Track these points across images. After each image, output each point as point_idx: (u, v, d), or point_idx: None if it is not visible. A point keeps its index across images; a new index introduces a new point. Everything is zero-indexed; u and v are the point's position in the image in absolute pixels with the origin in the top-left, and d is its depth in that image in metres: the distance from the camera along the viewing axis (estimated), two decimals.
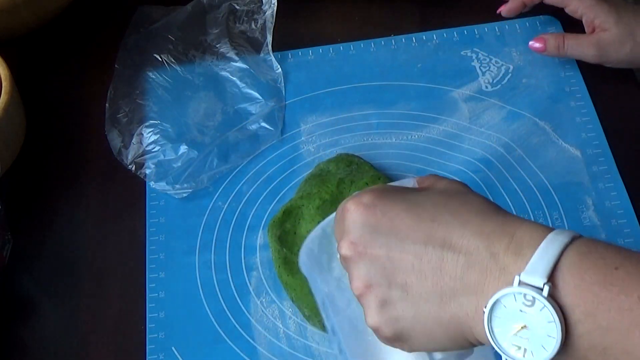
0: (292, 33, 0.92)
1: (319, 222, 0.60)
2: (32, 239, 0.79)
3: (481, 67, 0.89)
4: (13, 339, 0.74)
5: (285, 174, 0.82)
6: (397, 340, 0.47)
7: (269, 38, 0.89)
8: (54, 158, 0.85)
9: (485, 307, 0.42)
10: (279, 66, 0.89)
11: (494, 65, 0.89)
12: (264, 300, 0.74)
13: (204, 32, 0.91)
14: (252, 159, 0.83)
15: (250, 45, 0.90)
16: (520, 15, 0.91)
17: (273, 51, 0.89)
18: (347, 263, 0.49)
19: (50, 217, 0.81)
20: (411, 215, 0.46)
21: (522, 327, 0.42)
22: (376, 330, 0.47)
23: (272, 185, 0.81)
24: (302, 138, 0.85)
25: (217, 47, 0.90)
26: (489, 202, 0.48)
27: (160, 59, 0.89)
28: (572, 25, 0.90)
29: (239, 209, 0.80)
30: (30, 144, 0.84)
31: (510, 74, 0.88)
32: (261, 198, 0.81)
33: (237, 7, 0.92)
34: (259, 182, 0.82)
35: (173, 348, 0.72)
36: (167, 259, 0.77)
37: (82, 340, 0.73)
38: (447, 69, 0.89)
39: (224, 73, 0.88)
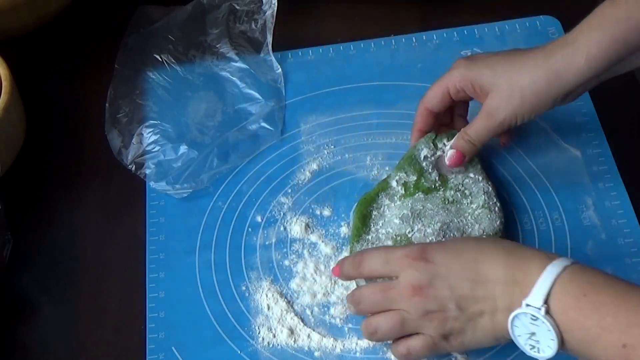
0: (292, 33, 0.92)
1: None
2: (32, 239, 0.79)
3: None
4: (13, 339, 0.74)
5: (285, 174, 0.82)
6: (460, 346, 0.65)
7: (269, 38, 0.89)
8: (54, 158, 0.85)
9: (508, 321, 0.61)
10: (279, 66, 0.88)
11: None
12: (264, 300, 0.74)
13: (204, 32, 0.91)
14: (252, 159, 0.83)
15: (250, 46, 0.90)
16: (521, 15, 0.91)
17: (273, 51, 0.89)
18: (406, 299, 0.64)
19: (50, 217, 0.81)
20: (457, 260, 0.64)
21: (532, 334, 0.60)
22: (447, 342, 0.65)
23: (272, 185, 0.81)
24: (302, 138, 0.85)
25: (217, 47, 0.90)
26: (506, 240, 0.68)
27: (160, 59, 0.89)
28: (573, 25, 0.90)
29: (239, 209, 0.80)
30: (30, 144, 0.84)
31: None
32: (261, 198, 0.81)
33: (237, 7, 0.91)
34: (259, 182, 0.82)
35: (173, 348, 0.72)
36: (167, 259, 0.77)
37: (82, 340, 0.73)
38: (447, 69, 0.88)
39: (224, 73, 0.88)
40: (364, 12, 0.95)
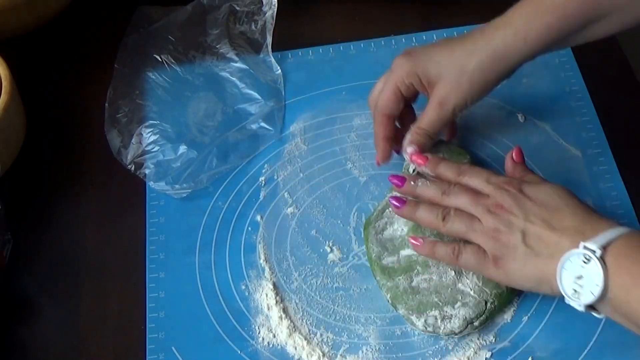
0: (292, 33, 0.92)
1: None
2: (32, 239, 0.79)
3: None
4: (13, 339, 0.74)
5: (285, 173, 0.82)
6: (503, 275, 0.67)
7: (269, 39, 0.89)
8: (54, 158, 0.85)
9: (560, 261, 0.63)
10: (278, 67, 0.89)
11: None
12: (264, 299, 0.74)
13: (204, 32, 0.91)
14: (251, 158, 0.83)
15: (250, 46, 0.90)
16: None
17: (273, 51, 0.89)
18: (485, 212, 0.67)
19: (50, 217, 0.81)
20: (546, 202, 0.67)
21: (579, 277, 0.62)
22: (494, 264, 0.67)
23: (272, 185, 0.81)
24: (302, 138, 0.85)
25: (217, 48, 0.90)
26: (582, 202, 0.68)
27: (160, 59, 0.89)
28: None
29: (239, 209, 0.80)
30: (30, 144, 0.84)
31: None
32: (261, 198, 0.81)
33: (237, 8, 0.92)
34: (258, 182, 0.82)
35: (173, 348, 0.72)
36: (167, 259, 0.77)
37: (82, 340, 0.73)
38: None
39: (223, 73, 0.88)
40: (364, 12, 0.95)
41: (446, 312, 0.70)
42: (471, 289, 0.71)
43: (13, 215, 0.78)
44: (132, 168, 0.82)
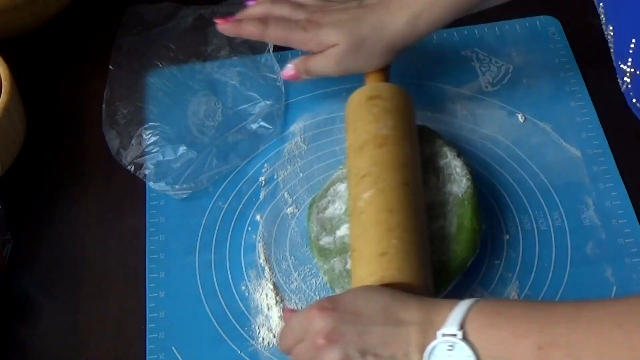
0: None
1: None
2: (32, 239, 0.79)
3: (481, 67, 0.89)
4: (13, 339, 0.74)
5: (285, 173, 0.82)
6: None
7: (271, 43, 0.89)
8: (53, 158, 0.85)
9: (422, 358, 0.59)
10: (278, 66, 0.88)
11: (494, 65, 0.89)
12: (263, 299, 0.74)
13: (205, 42, 0.91)
14: (251, 158, 0.83)
15: (250, 51, 0.90)
16: (521, 15, 0.91)
17: (273, 51, 0.89)
18: (320, 352, 0.61)
19: (50, 217, 0.81)
20: (368, 306, 0.61)
21: None
22: None
23: (271, 185, 0.81)
24: (302, 137, 0.85)
25: (217, 55, 0.90)
26: (398, 291, 0.63)
27: (161, 65, 0.89)
28: (573, 25, 0.90)
29: (239, 209, 0.80)
30: (30, 144, 0.84)
31: (510, 74, 0.88)
32: (261, 198, 0.81)
33: None
34: (258, 182, 0.82)
35: (173, 348, 0.72)
36: (167, 259, 0.77)
37: (82, 340, 0.73)
38: (447, 69, 0.89)
39: (223, 75, 0.88)
40: None
41: None
42: None
43: (13, 215, 0.78)
44: (132, 168, 0.82)
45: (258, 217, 0.79)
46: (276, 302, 0.74)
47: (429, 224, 0.72)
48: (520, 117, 0.85)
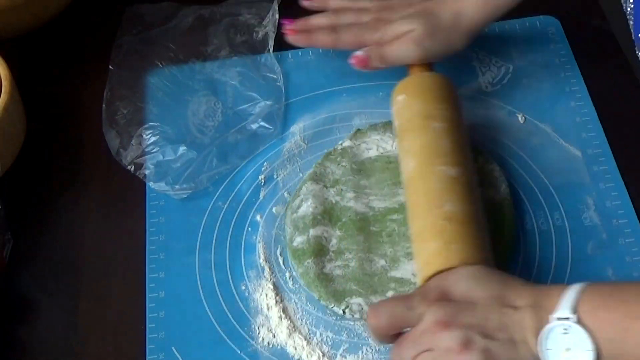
0: None
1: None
2: (32, 239, 0.79)
3: (481, 67, 0.89)
4: (13, 339, 0.74)
5: (284, 173, 0.82)
6: None
7: (271, 43, 0.89)
8: (53, 158, 0.85)
9: (539, 341, 0.60)
10: (279, 66, 0.89)
11: (494, 65, 0.89)
12: (263, 299, 0.74)
13: (205, 42, 0.91)
14: (251, 158, 0.83)
15: (250, 52, 0.90)
16: (520, 15, 0.91)
17: (273, 51, 0.89)
18: (435, 335, 0.61)
19: (50, 217, 0.81)
20: (483, 295, 0.62)
21: (566, 350, 0.59)
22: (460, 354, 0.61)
23: (271, 185, 0.81)
24: (301, 136, 0.85)
25: (217, 55, 0.90)
26: (503, 274, 0.65)
27: (161, 65, 0.89)
28: (573, 25, 0.90)
29: (239, 209, 0.80)
30: (30, 144, 0.84)
31: (510, 74, 0.88)
32: (261, 198, 0.81)
33: (239, 19, 0.92)
34: (258, 180, 0.82)
35: (173, 348, 0.72)
36: (167, 259, 0.77)
37: (82, 340, 0.73)
38: (447, 69, 0.88)
39: (224, 74, 0.88)
40: None
41: (373, 300, 0.70)
42: (413, 274, 0.71)
43: (13, 215, 0.78)
44: (132, 168, 0.82)
45: (258, 217, 0.79)
46: (276, 302, 0.74)
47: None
48: (520, 117, 0.85)
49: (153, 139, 0.83)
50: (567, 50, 0.90)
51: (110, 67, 0.89)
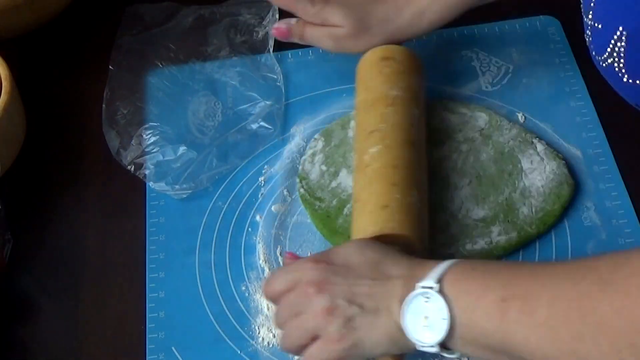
0: None
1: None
2: (32, 239, 0.79)
3: (481, 67, 0.89)
4: (13, 339, 0.74)
5: (284, 173, 0.82)
6: (353, 348, 0.62)
7: (271, 43, 0.89)
8: (54, 158, 0.85)
9: (402, 308, 0.61)
10: (279, 66, 0.89)
11: (494, 65, 0.89)
12: (263, 300, 0.74)
13: (205, 42, 0.91)
14: (251, 159, 0.83)
15: (251, 52, 0.90)
16: (521, 15, 0.91)
17: (273, 51, 0.89)
18: (308, 299, 0.63)
19: (50, 217, 0.81)
20: (360, 260, 0.64)
21: (425, 318, 0.60)
22: (338, 341, 0.62)
23: (271, 185, 0.81)
24: (302, 138, 0.85)
25: (217, 55, 0.90)
26: (392, 248, 0.66)
27: (161, 65, 0.89)
28: (573, 25, 0.90)
29: (239, 209, 0.80)
30: (30, 144, 0.84)
31: (510, 74, 0.88)
32: (260, 198, 0.81)
33: (240, 19, 0.92)
34: (258, 181, 0.82)
35: (173, 348, 0.72)
36: (167, 259, 0.77)
37: (82, 340, 0.73)
38: (447, 69, 0.89)
39: (224, 74, 0.88)
40: None
41: None
42: None
43: (13, 215, 0.78)
44: (132, 168, 0.82)
45: (258, 218, 0.79)
46: None
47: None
48: (520, 117, 0.85)
49: (153, 139, 0.83)
50: (567, 50, 0.90)
51: (110, 67, 0.89)
